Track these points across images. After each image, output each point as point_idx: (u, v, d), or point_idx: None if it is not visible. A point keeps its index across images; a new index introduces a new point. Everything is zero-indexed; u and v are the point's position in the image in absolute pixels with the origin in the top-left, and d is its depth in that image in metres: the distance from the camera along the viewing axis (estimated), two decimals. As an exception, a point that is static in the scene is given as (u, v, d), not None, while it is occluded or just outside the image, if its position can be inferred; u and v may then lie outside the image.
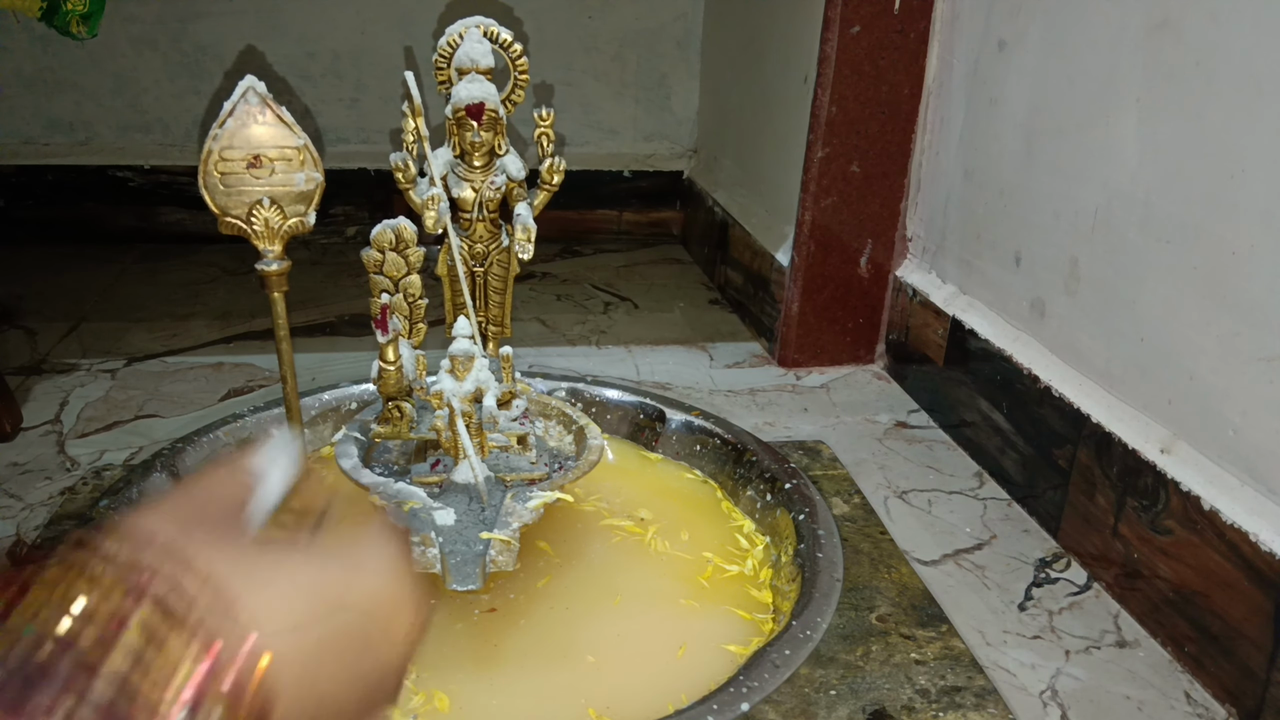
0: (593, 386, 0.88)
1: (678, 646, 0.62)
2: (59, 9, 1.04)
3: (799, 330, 1.08)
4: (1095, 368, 0.76)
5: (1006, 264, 0.88)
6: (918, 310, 1.01)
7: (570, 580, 0.68)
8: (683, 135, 1.61)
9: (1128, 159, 0.72)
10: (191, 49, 1.44)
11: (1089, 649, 0.66)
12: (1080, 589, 0.72)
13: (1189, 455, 0.66)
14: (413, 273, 0.70)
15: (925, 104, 1.00)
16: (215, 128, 0.51)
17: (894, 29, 0.97)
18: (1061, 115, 0.80)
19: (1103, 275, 0.75)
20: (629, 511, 0.76)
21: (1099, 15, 0.75)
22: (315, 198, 0.53)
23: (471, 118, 0.67)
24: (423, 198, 0.68)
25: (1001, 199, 0.88)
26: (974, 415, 0.90)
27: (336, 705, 0.28)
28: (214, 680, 0.24)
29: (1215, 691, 0.62)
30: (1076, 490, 0.76)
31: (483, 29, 0.68)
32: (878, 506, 0.80)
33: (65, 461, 0.83)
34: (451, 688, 0.57)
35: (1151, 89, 0.69)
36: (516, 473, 0.68)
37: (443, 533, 0.62)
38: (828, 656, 0.60)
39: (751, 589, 0.68)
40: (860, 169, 1.02)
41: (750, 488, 0.77)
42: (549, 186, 0.71)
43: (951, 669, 0.60)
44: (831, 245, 1.05)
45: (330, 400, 0.85)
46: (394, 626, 0.31)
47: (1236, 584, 0.60)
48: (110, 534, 0.26)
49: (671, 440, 0.84)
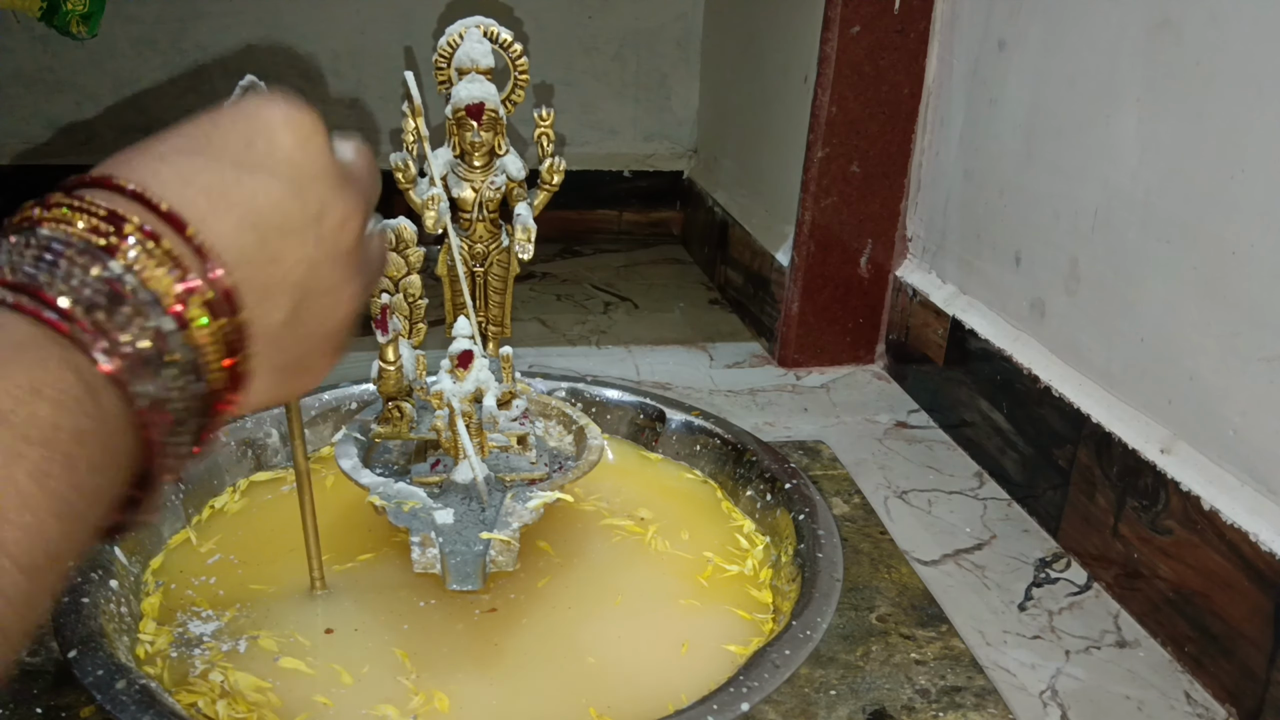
0: (593, 386, 0.88)
1: (678, 646, 0.62)
2: (59, 9, 1.04)
3: (799, 330, 1.08)
4: (1095, 368, 0.76)
5: (1006, 264, 0.88)
6: (918, 310, 1.01)
7: (571, 580, 0.68)
8: (683, 135, 1.61)
9: (1128, 159, 0.72)
10: (191, 49, 1.44)
11: (1089, 649, 0.66)
12: (1080, 589, 0.72)
13: (1189, 455, 0.66)
14: (413, 273, 0.70)
15: (925, 104, 1.00)
16: (215, 128, 0.51)
17: (894, 29, 0.97)
18: (1061, 115, 0.80)
19: (1103, 275, 0.75)
20: (629, 511, 0.76)
21: (1099, 15, 0.75)
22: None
23: (471, 118, 0.67)
24: (423, 198, 0.68)
25: (1001, 199, 0.88)
26: (974, 415, 0.90)
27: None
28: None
29: (1215, 691, 0.62)
30: (1076, 490, 0.76)
31: (483, 29, 0.68)
32: (878, 506, 0.80)
33: (65, 461, 0.83)
34: (451, 688, 0.57)
35: (1151, 89, 0.69)
36: (516, 473, 0.68)
37: (443, 533, 0.62)
38: (828, 656, 0.60)
39: (751, 589, 0.68)
40: (860, 169, 1.02)
41: (750, 488, 0.77)
42: (549, 186, 0.71)
43: (951, 669, 0.60)
44: (831, 245, 1.05)
45: (330, 400, 0.85)
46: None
47: (1236, 584, 0.60)
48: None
49: (671, 440, 0.84)
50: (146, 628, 0.61)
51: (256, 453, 0.79)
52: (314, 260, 0.31)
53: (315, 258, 0.31)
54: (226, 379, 0.29)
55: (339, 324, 0.33)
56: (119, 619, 0.60)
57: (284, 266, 0.30)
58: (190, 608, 0.63)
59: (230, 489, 0.76)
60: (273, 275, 0.30)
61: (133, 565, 0.65)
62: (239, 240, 0.28)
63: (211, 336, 0.28)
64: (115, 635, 0.58)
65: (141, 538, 0.68)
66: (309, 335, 0.32)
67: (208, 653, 0.59)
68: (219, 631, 0.61)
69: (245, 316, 0.29)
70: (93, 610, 0.59)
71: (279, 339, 0.30)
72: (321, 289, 0.31)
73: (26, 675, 0.56)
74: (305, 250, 0.30)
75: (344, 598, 0.65)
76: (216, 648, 0.60)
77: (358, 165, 0.35)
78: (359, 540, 0.71)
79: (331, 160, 0.32)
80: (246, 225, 0.29)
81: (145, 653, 0.59)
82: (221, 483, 0.76)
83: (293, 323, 0.31)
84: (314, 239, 0.31)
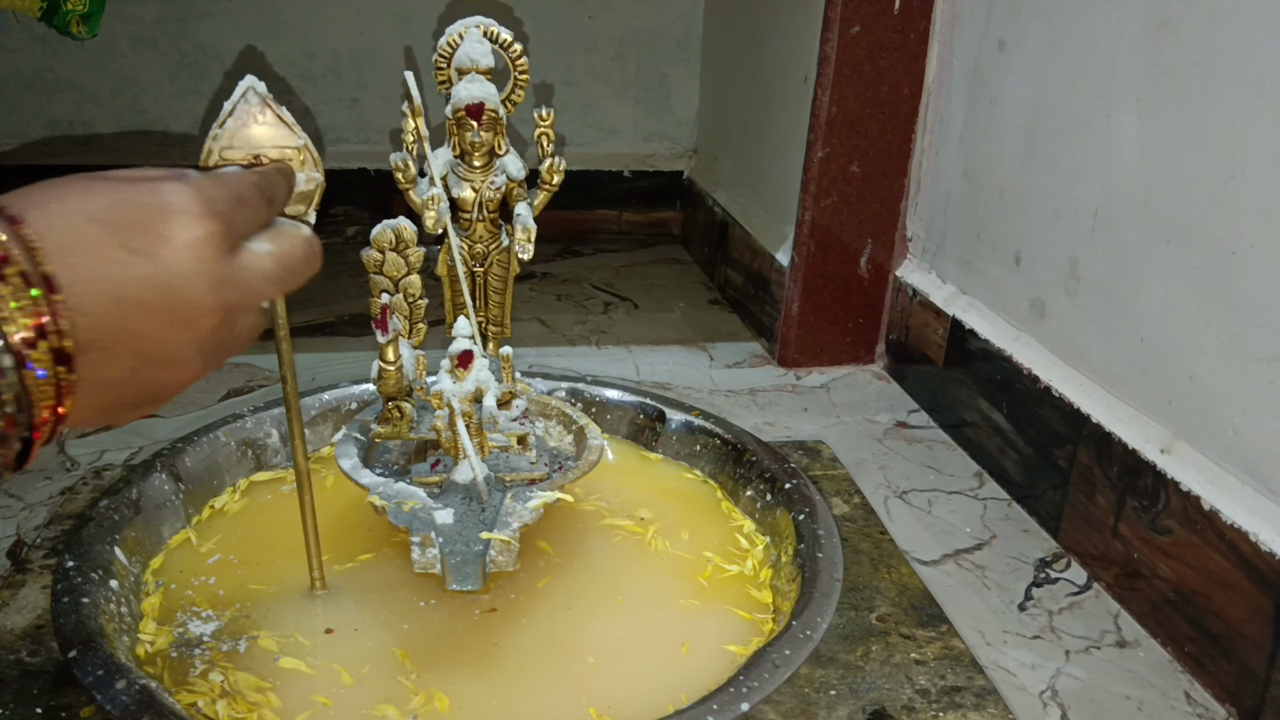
0: (593, 386, 0.88)
1: (678, 646, 0.62)
2: (59, 9, 1.04)
3: (799, 330, 1.08)
4: (1095, 368, 0.76)
5: (1006, 264, 0.88)
6: (918, 310, 1.01)
7: (571, 580, 0.68)
8: (683, 135, 1.61)
9: (1128, 159, 0.72)
10: (191, 49, 1.44)
11: (1089, 649, 0.66)
12: (1080, 589, 0.72)
13: (1189, 455, 0.66)
14: (413, 273, 0.70)
15: (925, 104, 1.00)
16: (215, 128, 0.51)
17: (894, 29, 0.97)
18: (1061, 115, 0.80)
19: (1103, 275, 0.75)
20: (629, 511, 0.76)
21: (1099, 15, 0.75)
22: (315, 198, 0.53)
23: (471, 118, 0.67)
24: (423, 198, 0.68)
25: (1001, 199, 0.88)
26: (974, 415, 0.90)
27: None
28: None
29: (1215, 691, 0.62)
30: (1076, 490, 0.76)
31: (483, 29, 0.68)
32: (878, 506, 0.80)
33: (65, 461, 0.83)
34: (451, 688, 0.57)
35: (1151, 89, 0.69)
36: (516, 473, 0.68)
37: (443, 533, 0.62)
38: (828, 656, 0.60)
39: (751, 589, 0.68)
40: (860, 169, 1.02)
41: (750, 488, 0.77)
42: (549, 186, 0.71)
43: (951, 669, 0.60)
44: (831, 245, 1.05)
45: (330, 400, 0.85)
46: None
47: (1236, 584, 0.60)
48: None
49: (671, 440, 0.84)
50: (146, 628, 0.61)
51: (256, 453, 0.79)
52: (166, 340, 0.35)
53: (168, 339, 0.35)
54: (50, 416, 0.33)
55: (174, 390, 0.37)
56: (119, 619, 0.60)
57: (134, 340, 0.34)
58: (190, 608, 0.63)
59: (230, 489, 0.76)
60: (121, 343, 0.34)
61: (133, 565, 0.65)
62: (102, 310, 0.33)
63: (44, 382, 0.32)
64: (115, 635, 0.58)
65: (142, 538, 0.68)
66: (140, 392, 0.36)
67: (208, 653, 0.59)
68: (219, 631, 0.61)
69: (79, 375, 0.33)
70: (93, 610, 0.59)
71: (110, 388, 0.35)
72: (163, 362, 0.36)
73: (26, 675, 0.56)
74: (158, 331, 0.35)
75: (344, 598, 0.65)
76: (216, 648, 0.60)
77: (265, 261, 0.40)
78: (359, 540, 0.71)
79: (215, 263, 0.36)
80: (113, 299, 0.33)
81: (145, 653, 0.59)
82: (221, 483, 0.76)
83: (128, 380, 0.35)
84: (170, 324, 0.35)
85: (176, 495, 0.72)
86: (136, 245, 0.34)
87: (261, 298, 0.40)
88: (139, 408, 0.37)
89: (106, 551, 0.64)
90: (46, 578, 0.65)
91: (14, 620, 0.61)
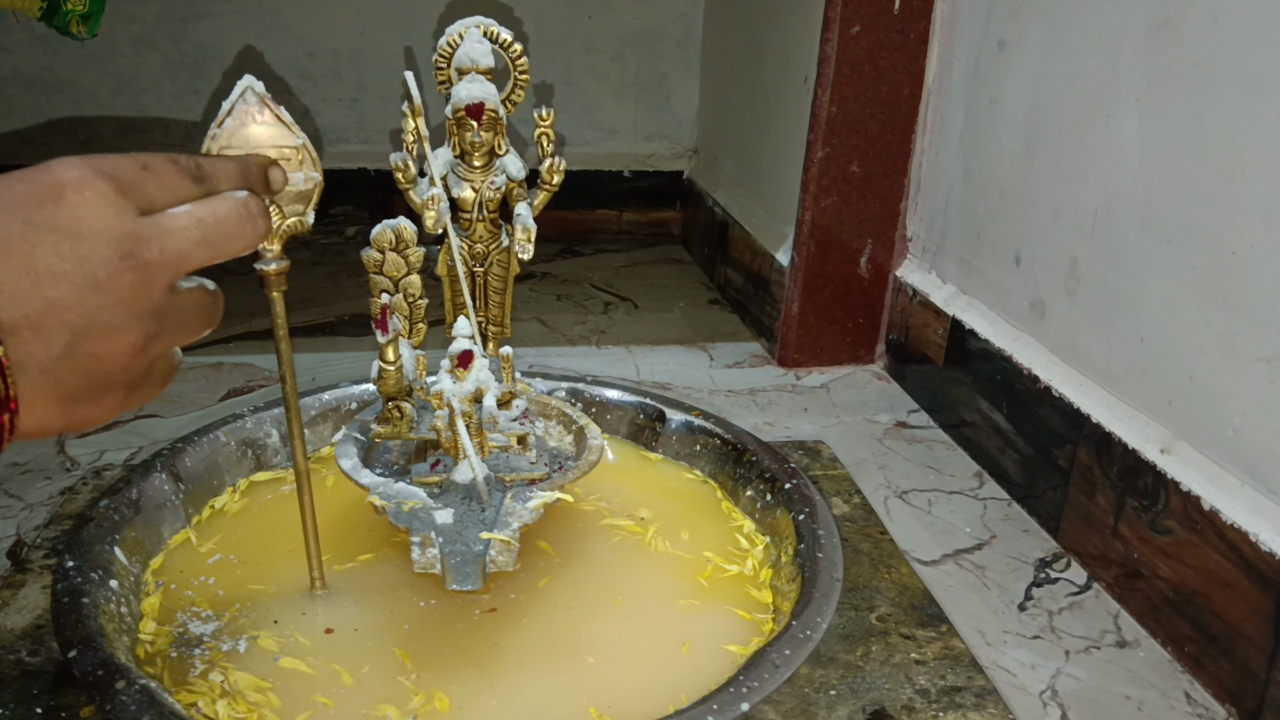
0: (593, 386, 0.88)
1: (678, 646, 0.62)
2: (59, 9, 1.04)
3: (799, 330, 1.08)
4: (1095, 368, 0.76)
5: (1006, 264, 0.88)
6: (918, 310, 1.01)
7: (571, 580, 0.68)
8: (683, 135, 1.61)
9: (1128, 159, 0.72)
10: (191, 49, 1.44)
11: (1089, 649, 0.66)
12: (1080, 589, 0.72)
13: (1189, 455, 0.66)
14: (413, 273, 0.70)
15: (925, 104, 1.00)
16: (213, 127, 0.51)
17: (894, 29, 0.97)
18: (1061, 115, 0.80)
19: (1103, 275, 0.75)
20: (629, 511, 0.76)
21: (1099, 15, 0.75)
22: (314, 197, 0.53)
23: (471, 118, 0.67)
24: (423, 198, 0.68)
25: (1001, 199, 0.88)
26: (974, 415, 0.90)
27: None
28: None
29: (1215, 691, 0.62)
30: (1076, 490, 0.76)
31: (483, 29, 0.68)
32: (878, 506, 0.80)
33: (65, 461, 0.83)
34: (451, 688, 0.57)
35: (1151, 89, 0.69)
36: (516, 473, 0.68)
37: (443, 533, 0.62)
38: (828, 656, 0.60)
39: (751, 589, 0.68)
40: (860, 169, 1.02)
41: (750, 488, 0.77)
42: (549, 186, 0.71)
43: (951, 669, 0.60)
44: (831, 245, 1.05)
45: (330, 400, 0.85)
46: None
47: (1236, 584, 0.60)
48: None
49: (671, 440, 0.84)
50: (146, 628, 0.61)
51: (256, 453, 0.79)
52: (88, 305, 0.35)
53: (91, 303, 0.35)
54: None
55: (120, 363, 0.37)
56: (119, 619, 0.60)
57: (58, 310, 0.34)
58: (190, 608, 0.63)
59: (230, 489, 0.76)
60: (47, 316, 0.34)
61: (133, 565, 0.65)
62: (15, 284, 0.33)
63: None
64: (115, 635, 0.58)
65: (142, 538, 0.68)
66: (89, 371, 0.36)
67: (208, 653, 0.59)
68: (219, 631, 0.61)
69: (15, 358, 0.34)
70: (93, 610, 0.59)
71: (54, 372, 0.35)
72: (96, 331, 0.36)
73: (26, 675, 0.56)
74: (78, 296, 0.35)
75: (344, 598, 0.65)
76: (216, 648, 0.60)
77: (180, 220, 0.40)
78: (359, 540, 0.71)
79: (114, 219, 0.36)
80: (23, 271, 0.34)
81: (145, 653, 0.59)
82: (221, 483, 0.76)
83: (67, 358, 0.35)
84: (89, 287, 0.35)
85: (176, 495, 0.72)
86: (35, 218, 0.34)
87: (185, 258, 0.39)
88: (104, 394, 0.37)
89: (106, 551, 0.64)
90: (46, 578, 0.65)
91: (14, 620, 0.61)
